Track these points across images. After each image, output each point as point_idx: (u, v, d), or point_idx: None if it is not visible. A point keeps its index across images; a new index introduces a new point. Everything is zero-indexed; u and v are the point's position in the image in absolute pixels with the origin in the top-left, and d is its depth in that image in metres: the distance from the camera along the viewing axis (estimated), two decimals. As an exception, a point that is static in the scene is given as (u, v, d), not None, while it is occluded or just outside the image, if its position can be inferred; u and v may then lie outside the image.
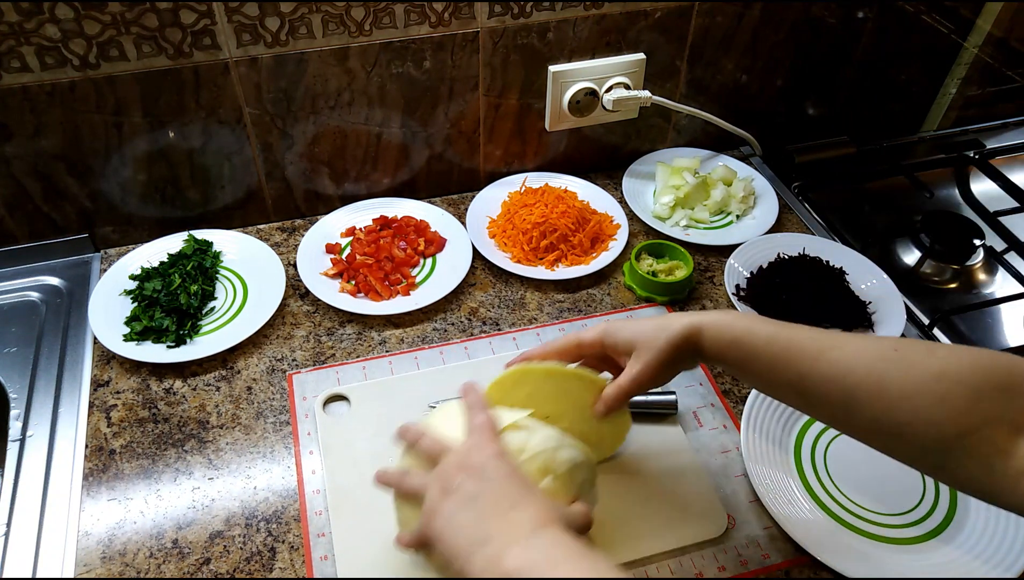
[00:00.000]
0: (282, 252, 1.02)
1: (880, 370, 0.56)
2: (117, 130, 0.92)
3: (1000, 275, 1.03)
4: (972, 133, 1.29)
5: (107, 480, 0.77)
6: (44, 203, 0.96)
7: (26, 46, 0.82)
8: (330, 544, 0.71)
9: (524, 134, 1.10)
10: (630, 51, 1.05)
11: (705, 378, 0.88)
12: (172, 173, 0.98)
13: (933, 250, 1.03)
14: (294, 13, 0.88)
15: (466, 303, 0.97)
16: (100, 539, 0.72)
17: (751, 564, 0.71)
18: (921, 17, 1.22)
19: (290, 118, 0.97)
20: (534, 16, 0.97)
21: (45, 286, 0.97)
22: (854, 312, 0.93)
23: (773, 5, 1.06)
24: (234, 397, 0.85)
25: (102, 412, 0.83)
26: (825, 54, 1.16)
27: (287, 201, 1.06)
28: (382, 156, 1.06)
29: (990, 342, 0.94)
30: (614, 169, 1.17)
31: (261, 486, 0.76)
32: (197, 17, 0.85)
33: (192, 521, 0.73)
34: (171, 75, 0.89)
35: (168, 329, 0.88)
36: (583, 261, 1.01)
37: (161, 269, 0.95)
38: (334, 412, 0.83)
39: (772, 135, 1.20)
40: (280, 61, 0.91)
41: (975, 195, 1.16)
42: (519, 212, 1.04)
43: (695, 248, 1.04)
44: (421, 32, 0.94)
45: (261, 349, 0.90)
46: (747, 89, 1.16)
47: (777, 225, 1.08)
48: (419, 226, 1.04)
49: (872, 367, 0.56)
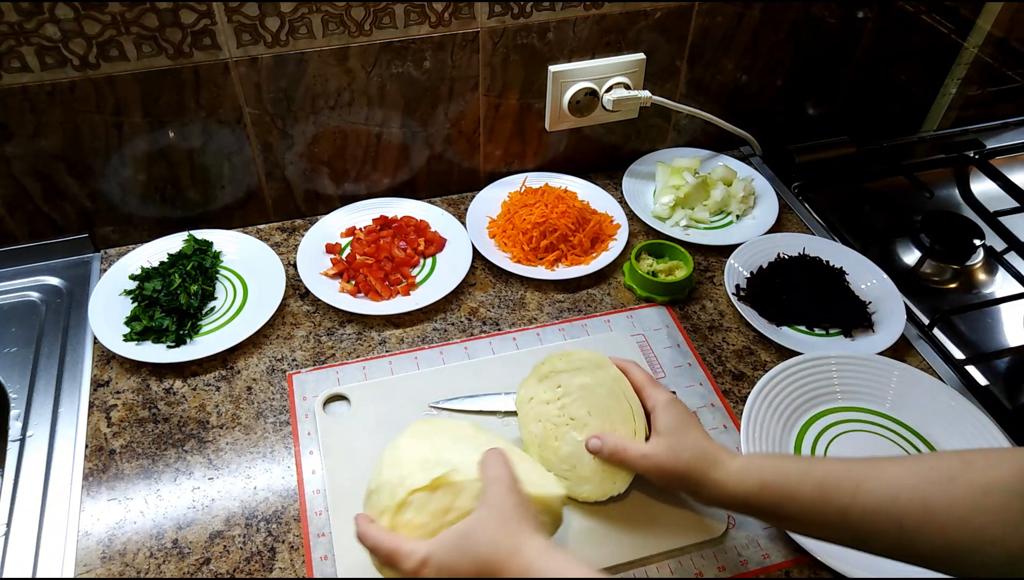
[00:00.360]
0: (282, 252, 1.02)
1: (923, 493, 0.54)
2: (117, 130, 0.92)
3: (1000, 275, 1.03)
4: (972, 133, 1.28)
5: (107, 480, 0.77)
6: (44, 203, 0.96)
7: (26, 46, 0.82)
8: (330, 544, 0.71)
9: (524, 134, 1.10)
10: (630, 51, 1.05)
11: (705, 378, 0.88)
12: (172, 173, 0.98)
13: (933, 250, 1.03)
14: (294, 13, 0.88)
15: (466, 303, 0.97)
16: (100, 539, 0.72)
17: (751, 564, 0.71)
18: (921, 17, 1.22)
19: (290, 118, 0.97)
20: (534, 16, 0.97)
21: (45, 286, 0.97)
22: (854, 312, 0.93)
23: (773, 5, 1.06)
24: (234, 397, 0.85)
25: (102, 412, 0.83)
26: (825, 54, 1.16)
27: (287, 201, 1.06)
28: (382, 156, 1.06)
29: (990, 342, 0.94)
30: (614, 169, 1.17)
31: (261, 486, 0.76)
32: (197, 17, 0.85)
33: (192, 521, 0.73)
34: (171, 75, 0.89)
35: (168, 329, 0.88)
36: (583, 261, 1.01)
37: (161, 269, 0.95)
38: (334, 412, 0.83)
39: (772, 135, 1.20)
40: (280, 61, 0.91)
41: (975, 195, 1.16)
42: (519, 212, 1.04)
43: (695, 248, 1.04)
44: (421, 32, 0.94)
45: (261, 349, 0.90)
46: (747, 89, 1.16)
47: (777, 225, 1.08)
48: (419, 226, 1.04)
49: (914, 492, 0.54)
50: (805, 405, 0.83)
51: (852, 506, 0.56)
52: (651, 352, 0.91)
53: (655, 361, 0.89)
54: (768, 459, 0.63)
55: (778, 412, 0.82)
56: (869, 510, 0.56)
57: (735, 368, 0.89)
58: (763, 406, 0.82)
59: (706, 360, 0.90)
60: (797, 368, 0.85)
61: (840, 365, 0.85)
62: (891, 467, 0.57)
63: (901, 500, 0.54)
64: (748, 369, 0.89)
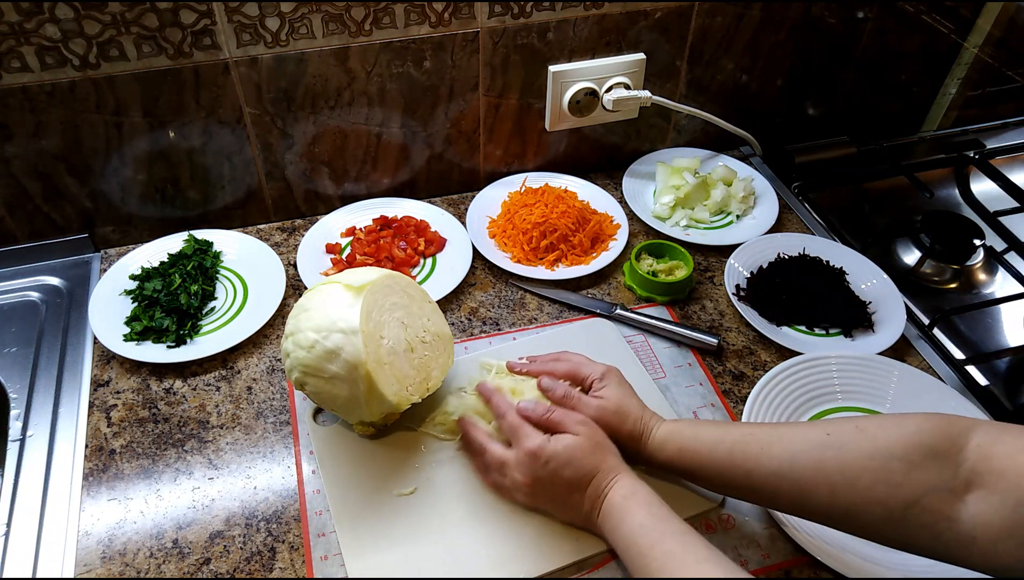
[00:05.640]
0: (282, 252, 1.02)
1: (816, 457, 0.60)
2: (117, 130, 0.92)
3: (1000, 275, 1.03)
4: (972, 133, 1.28)
5: (107, 480, 0.77)
6: (44, 203, 0.96)
7: (26, 46, 0.82)
8: (330, 544, 0.71)
9: (524, 134, 1.10)
10: (630, 51, 1.05)
11: (705, 378, 0.88)
12: (172, 173, 0.98)
13: (933, 250, 1.03)
14: (294, 13, 0.88)
15: (466, 303, 0.97)
16: (100, 539, 0.72)
17: (751, 564, 0.71)
18: (921, 17, 1.22)
19: (290, 118, 0.97)
20: (534, 16, 0.97)
21: (45, 286, 0.97)
22: (854, 312, 0.93)
23: (773, 5, 1.07)
24: (234, 397, 0.85)
25: (102, 412, 0.83)
26: (825, 54, 1.16)
27: (287, 201, 1.06)
28: (382, 156, 1.06)
29: (990, 342, 0.94)
30: (614, 169, 1.17)
31: (261, 486, 0.76)
32: (197, 17, 0.85)
33: (192, 521, 0.73)
34: (171, 75, 0.89)
35: (168, 329, 0.88)
36: (583, 261, 1.01)
37: (161, 269, 0.95)
38: (334, 412, 0.82)
39: (772, 135, 1.20)
40: (280, 61, 0.91)
41: (975, 195, 1.16)
42: (519, 212, 1.04)
43: (695, 248, 1.04)
44: (421, 32, 0.94)
45: (261, 349, 0.90)
46: (747, 89, 1.16)
47: (777, 225, 1.08)
48: (419, 226, 1.04)
49: (810, 456, 0.61)
50: (805, 405, 0.83)
51: (757, 469, 0.63)
52: (651, 352, 0.91)
53: (655, 361, 0.89)
54: (690, 426, 0.71)
55: (778, 412, 0.82)
56: (772, 472, 0.63)
57: (735, 368, 0.89)
58: (763, 406, 0.82)
59: (706, 360, 0.90)
60: (797, 368, 0.85)
61: (840, 365, 0.85)
62: (792, 433, 0.64)
63: (798, 464, 0.61)
64: (748, 369, 0.89)
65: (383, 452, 0.78)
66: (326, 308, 0.71)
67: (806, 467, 0.60)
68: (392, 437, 0.79)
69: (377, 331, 0.71)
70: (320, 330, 0.70)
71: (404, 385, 0.74)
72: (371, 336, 0.70)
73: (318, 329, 0.70)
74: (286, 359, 0.73)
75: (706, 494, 0.75)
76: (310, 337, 0.70)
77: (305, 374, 0.71)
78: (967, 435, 0.55)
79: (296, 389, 0.76)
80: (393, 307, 0.75)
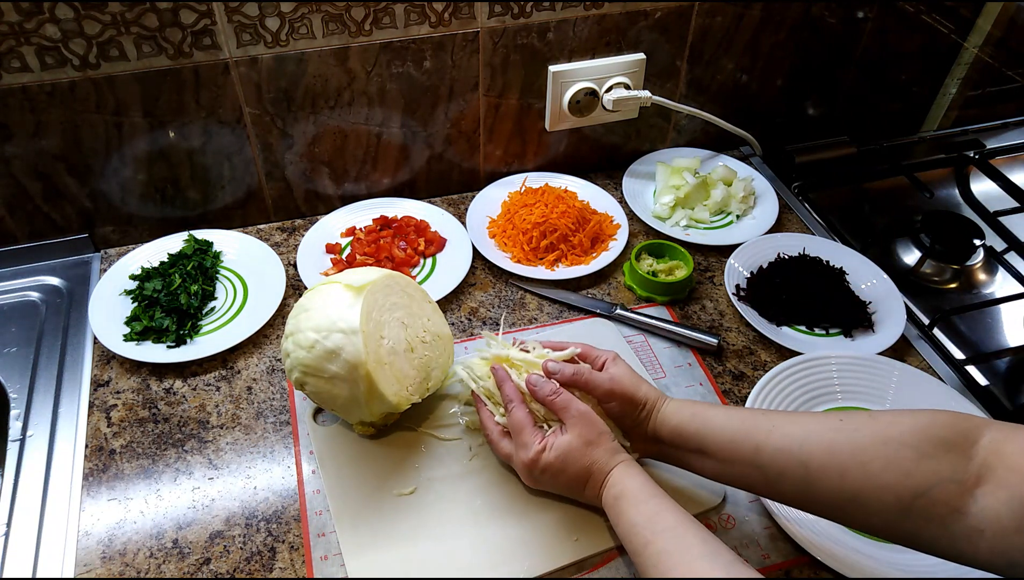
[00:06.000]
0: (282, 252, 1.02)
1: (829, 439, 0.60)
2: (117, 130, 0.92)
3: (1000, 275, 1.03)
4: (972, 133, 1.28)
5: (107, 480, 0.77)
6: (44, 203, 0.96)
7: (26, 46, 0.82)
8: (330, 544, 0.71)
9: (524, 134, 1.10)
10: (630, 51, 1.05)
11: (705, 378, 0.88)
12: (172, 173, 0.98)
13: (933, 250, 1.03)
14: (294, 13, 0.88)
15: (466, 303, 0.97)
16: (100, 539, 0.72)
17: (751, 564, 0.71)
18: (921, 17, 1.22)
19: (290, 118, 0.97)
20: (534, 16, 0.97)
21: (45, 286, 0.97)
22: (854, 312, 0.93)
23: (773, 5, 1.07)
24: (234, 397, 0.85)
25: (102, 412, 0.83)
26: (825, 54, 1.16)
27: (287, 201, 1.06)
28: (382, 156, 1.06)
29: (990, 342, 0.94)
30: (614, 169, 1.17)
31: (261, 486, 0.76)
32: (197, 17, 0.85)
33: (192, 521, 0.73)
34: (171, 75, 0.89)
35: (168, 329, 0.88)
36: (583, 261, 1.01)
37: (161, 269, 0.95)
38: (334, 412, 0.82)
39: (772, 135, 1.20)
40: (280, 61, 0.91)
41: (975, 195, 1.16)
42: (519, 212, 1.04)
43: (695, 248, 1.04)
44: (421, 32, 0.94)
45: (261, 349, 0.90)
46: (747, 89, 1.16)
47: (777, 225, 1.08)
48: (419, 226, 1.04)
49: (821, 437, 0.60)
50: (805, 405, 0.83)
51: (766, 443, 0.63)
52: (651, 352, 0.91)
53: (655, 361, 0.89)
54: (697, 403, 0.71)
55: (778, 412, 0.82)
56: (781, 448, 0.62)
57: (735, 368, 0.89)
58: (763, 406, 0.82)
59: (706, 360, 0.90)
60: (797, 368, 0.85)
61: (840, 365, 0.85)
62: (805, 417, 0.64)
63: (810, 442, 0.60)
64: (748, 369, 0.89)
65: (383, 452, 0.78)
66: (326, 308, 0.71)
67: (817, 447, 0.60)
68: (392, 437, 0.79)
69: (377, 331, 0.72)
70: (320, 330, 0.70)
71: (404, 385, 0.74)
72: (371, 336, 0.70)
73: (318, 329, 0.70)
74: (286, 359, 0.73)
75: (706, 493, 0.75)
76: (310, 337, 0.70)
77: (305, 374, 0.71)
78: (979, 431, 0.55)
79: (296, 389, 0.76)
80: (393, 307, 0.75)
